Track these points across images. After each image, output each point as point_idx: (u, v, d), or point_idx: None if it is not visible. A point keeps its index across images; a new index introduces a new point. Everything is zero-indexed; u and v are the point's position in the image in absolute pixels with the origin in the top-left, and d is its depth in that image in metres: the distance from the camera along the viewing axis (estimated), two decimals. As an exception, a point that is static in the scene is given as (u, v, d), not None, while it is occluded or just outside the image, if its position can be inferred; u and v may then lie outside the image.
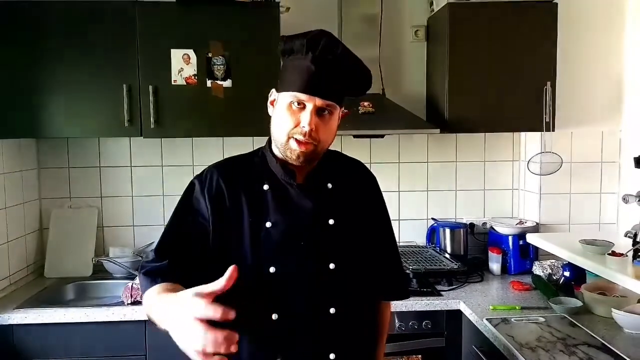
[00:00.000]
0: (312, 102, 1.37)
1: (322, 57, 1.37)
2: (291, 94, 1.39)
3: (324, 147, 1.45)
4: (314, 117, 1.38)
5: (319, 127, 1.39)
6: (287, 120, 1.39)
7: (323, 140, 1.41)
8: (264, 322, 1.42)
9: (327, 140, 1.44)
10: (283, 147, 1.42)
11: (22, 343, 2.39)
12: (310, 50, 1.37)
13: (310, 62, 1.37)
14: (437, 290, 2.65)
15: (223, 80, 2.66)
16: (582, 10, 2.95)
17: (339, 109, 1.45)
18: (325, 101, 1.38)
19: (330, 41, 1.40)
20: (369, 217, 1.59)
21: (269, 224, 1.44)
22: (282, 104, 1.42)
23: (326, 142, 1.44)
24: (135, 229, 3.13)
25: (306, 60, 1.38)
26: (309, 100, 1.37)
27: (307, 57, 1.38)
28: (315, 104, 1.37)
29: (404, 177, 3.22)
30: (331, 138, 1.46)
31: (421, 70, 3.16)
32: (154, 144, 3.09)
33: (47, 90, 2.61)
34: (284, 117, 1.40)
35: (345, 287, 1.47)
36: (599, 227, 3.05)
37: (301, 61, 1.39)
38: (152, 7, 2.62)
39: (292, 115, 1.39)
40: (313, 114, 1.37)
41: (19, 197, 2.85)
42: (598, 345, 1.98)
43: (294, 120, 1.39)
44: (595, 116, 3.00)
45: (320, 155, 1.47)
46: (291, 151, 1.40)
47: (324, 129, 1.40)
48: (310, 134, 1.37)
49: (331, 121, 1.43)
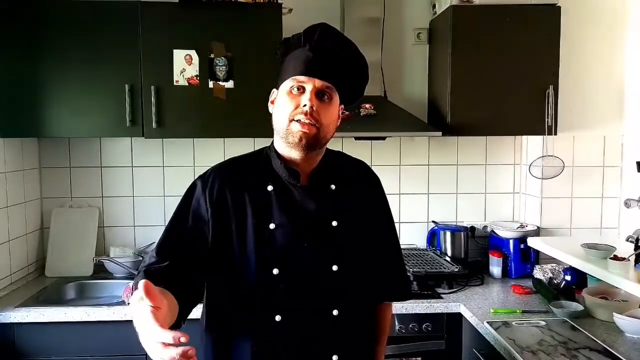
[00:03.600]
0: (312, 83, 1.39)
1: (318, 44, 1.41)
2: (290, 79, 1.41)
3: (325, 134, 1.44)
4: (315, 98, 1.39)
5: (319, 109, 1.39)
6: (288, 104, 1.40)
7: (324, 123, 1.41)
8: (267, 323, 1.41)
9: (329, 124, 1.43)
10: (285, 132, 1.41)
11: (23, 342, 2.39)
12: (307, 41, 1.42)
13: (308, 51, 1.41)
14: (437, 293, 2.64)
15: (225, 81, 2.66)
16: (585, 14, 2.95)
17: (339, 102, 1.46)
18: (325, 82, 1.40)
19: (326, 30, 1.44)
20: (373, 218, 1.59)
21: (273, 225, 1.44)
22: (282, 93, 1.44)
23: (327, 127, 1.43)
24: (136, 229, 3.13)
25: (304, 50, 1.41)
26: (309, 81, 1.39)
27: (305, 48, 1.42)
28: (315, 85, 1.39)
29: (405, 180, 3.22)
30: (332, 125, 1.46)
31: (423, 73, 3.16)
32: (155, 144, 3.09)
33: (49, 89, 2.61)
34: (284, 102, 1.42)
35: (348, 289, 1.47)
36: (601, 232, 3.04)
37: (299, 52, 1.42)
38: (155, 8, 2.63)
39: (293, 99, 1.40)
40: (313, 95, 1.39)
41: (20, 196, 2.85)
42: (599, 349, 1.98)
43: (294, 103, 1.40)
44: (597, 120, 2.99)
45: (322, 144, 1.46)
46: (293, 134, 1.39)
47: (324, 111, 1.41)
48: (311, 113, 1.38)
49: (331, 106, 1.43)
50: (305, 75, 1.39)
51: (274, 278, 1.41)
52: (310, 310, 1.44)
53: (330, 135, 1.47)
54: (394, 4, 3.07)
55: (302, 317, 1.43)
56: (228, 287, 1.46)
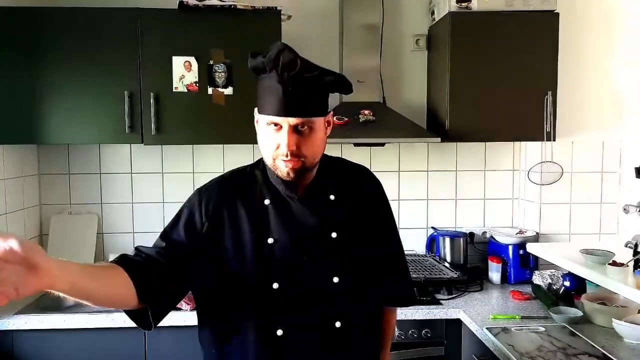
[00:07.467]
0: (287, 122, 1.36)
1: (284, 74, 1.34)
2: (265, 117, 1.39)
3: (313, 161, 1.43)
4: (292, 136, 1.36)
5: (300, 144, 1.37)
6: (269, 143, 1.39)
7: (309, 155, 1.39)
8: (269, 338, 1.41)
9: (314, 153, 1.42)
10: (273, 167, 1.42)
11: (22, 349, 2.39)
12: (274, 68, 1.35)
13: (276, 82, 1.35)
14: (436, 299, 2.64)
15: (224, 88, 2.67)
16: (583, 20, 2.96)
17: (323, 118, 1.43)
18: (300, 119, 1.36)
19: (289, 56, 1.34)
20: (374, 224, 1.58)
21: (271, 240, 1.43)
22: (261, 127, 1.42)
23: (313, 156, 1.41)
24: (135, 235, 3.12)
25: (272, 80, 1.36)
26: (283, 121, 1.36)
27: (272, 76, 1.36)
28: (290, 123, 1.36)
29: (404, 186, 3.22)
30: (319, 150, 1.44)
31: (422, 79, 3.17)
32: (154, 150, 3.10)
33: (48, 96, 2.61)
34: (265, 140, 1.41)
35: (350, 301, 1.46)
36: (599, 237, 3.04)
37: (268, 81, 1.37)
38: (154, 15, 2.63)
39: (272, 137, 1.39)
40: (290, 134, 1.36)
41: (19, 203, 2.85)
42: (598, 355, 1.98)
43: (274, 142, 1.38)
44: (596, 126, 3.00)
45: (314, 167, 1.46)
46: (281, 170, 1.40)
47: (306, 144, 1.38)
48: (292, 153, 1.36)
49: (313, 134, 1.39)
50: (278, 116, 1.35)
51: (274, 292, 1.41)
52: (312, 323, 1.43)
53: (320, 155, 1.46)
54: (392, 11, 3.08)
55: (304, 330, 1.43)
56: (228, 302, 1.45)
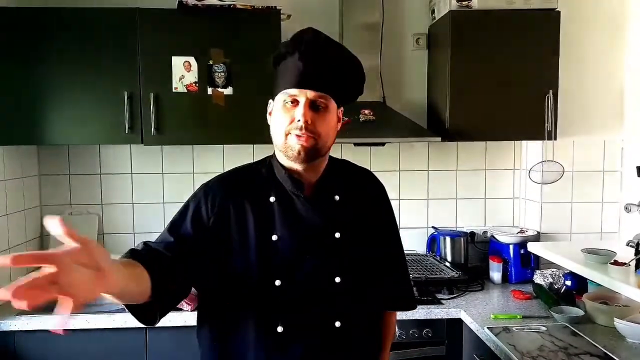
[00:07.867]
0: (304, 95, 1.36)
1: (308, 51, 1.37)
2: (283, 92, 1.39)
3: (325, 143, 1.42)
4: (309, 111, 1.37)
5: (315, 120, 1.37)
6: (283, 118, 1.39)
7: (322, 133, 1.39)
8: (269, 334, 1.41)
9: (327, 134, 1.41)
10: (284, 147, 1.40)
11: (24, 350, 2.38)
12: (296, 49, 1.38)
13: (298, 60, 1.37)
14: (437, 298, 2.64)
15: (224, 88, 2.66)
16: (585, 19, 2.95)
17: (336, 106, 1.44)
18: (317, 92, 1.37)
19: (314, 34, 1.40)
20: (377, 228, 1.58)
21: (275, 237, 1.43)
22: (277, 106, 1.42)
23: (326, 137, 1.41)
24: (136, 236, 3.12)
25: (293, 59, 1.38)
26: (301, 93, 1.36)
27: (295, 56, 1.38)
28: (307, 96, 1.36)
29: (404, 185, 3.22)
30: (331, 133, 1.44)
31: (422, 78, 3.16)
32: (154, 151, 3.09)
33: (48, 97, 2.61)
34: (279, 116, 1.40)
35: (351, 301, 1.46)
36: (601, 237, 3.04)
37: (290, 62, 1.39)
38: (154, 15, 2.63)
39: (287, 113, 1.38)
40: (307, 107, 1.36)
41: (19, 204, 2.85)
42: (600, 354, 1.97)
43: (289, 116, 1.38)
44: (597, 125, 3.00)
45: (323, 153, 1.45)
46: (291, 148, 1.38)
47: (320, 121, 1.38)
48: (306, 126, 1.36)
49: (327, 115, 1.40)
50: (296, 88, 1.36)
51: (276, 289, 1.40)
52: (313, 322, 1.43)
53: (331, 142, 1.45)
54: (392, 10, 3.07)
55: (304, 328, 1.43)
56: (229, 298, 1.45)
